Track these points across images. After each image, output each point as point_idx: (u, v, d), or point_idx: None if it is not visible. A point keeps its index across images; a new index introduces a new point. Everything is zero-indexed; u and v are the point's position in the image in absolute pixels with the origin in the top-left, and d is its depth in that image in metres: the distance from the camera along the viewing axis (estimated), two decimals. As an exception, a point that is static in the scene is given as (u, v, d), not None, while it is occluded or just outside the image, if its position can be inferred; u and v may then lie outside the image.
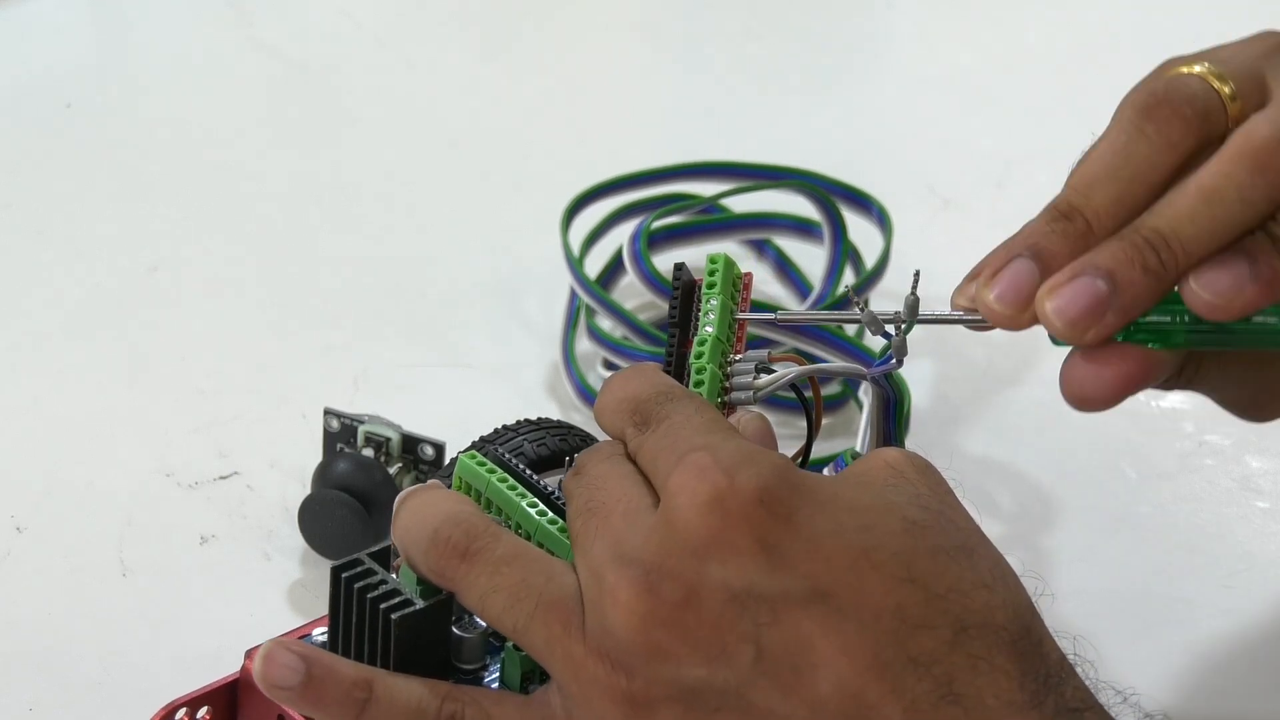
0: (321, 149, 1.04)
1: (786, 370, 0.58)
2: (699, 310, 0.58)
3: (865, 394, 0.62)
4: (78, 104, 1.07)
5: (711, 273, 0.59)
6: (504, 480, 0.57)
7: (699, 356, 0.57)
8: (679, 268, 0.59)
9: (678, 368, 0.58)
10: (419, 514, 0.55)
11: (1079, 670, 0.51)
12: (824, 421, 0.81)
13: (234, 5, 1.17)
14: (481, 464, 0.57)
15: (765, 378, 0.58)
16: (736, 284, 0.59)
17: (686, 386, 0.57)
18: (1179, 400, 0.85)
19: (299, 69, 1.11)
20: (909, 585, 0.49)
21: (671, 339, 0.58)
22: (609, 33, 1.19)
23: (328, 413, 0.74)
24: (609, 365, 0.81)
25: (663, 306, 0.82)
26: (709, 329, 0.58)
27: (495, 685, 0.56)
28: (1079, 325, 0.56)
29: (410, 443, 0.73)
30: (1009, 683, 0.49)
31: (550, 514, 0.56)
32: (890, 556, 0.49)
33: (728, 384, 0.58)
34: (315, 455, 0.76)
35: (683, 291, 0.59)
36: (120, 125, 1.05)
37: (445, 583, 0.54)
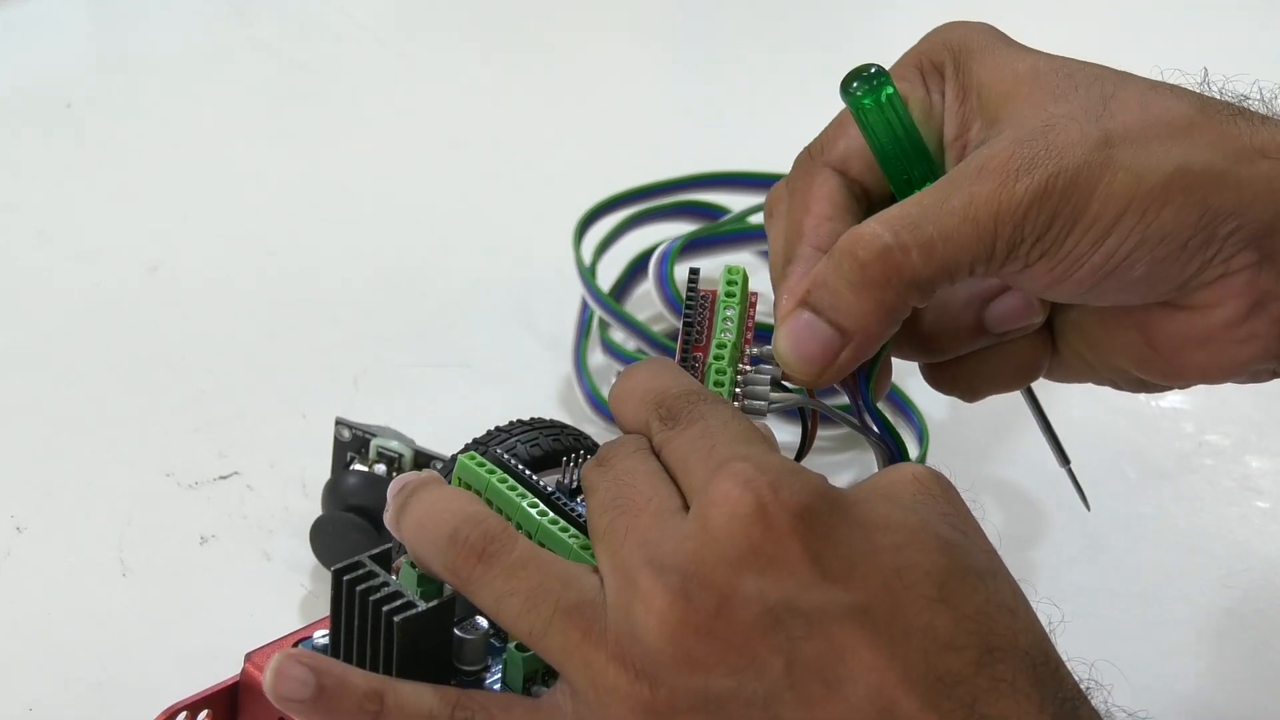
0: (321, 149, 1.04)
1: (800, 396, 0.59)
2: (712, 317, 0.59)
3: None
4: (78, 104, 1.07)
5: (731, 282, 0.60)
6: (504, 480, 0.57)
7: (719, 358, 0.58)
8: (694, 273, 0.60)
9: (689, 368, 0.59)
10: (434, 512, 0.54)
11: (1096, 695, 0.52)
12: (839, 432, 0.81)
13: (234, 5, 1.17)
14: (481, 464, 0.57)
15: (779, 394, 0.58)
16: (747, 300, 0.60)
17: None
18: (1179, 400, 0.85)
19: (299, 69, 1.11)
20: (940, 605, 0.49)
21: (684, 340, 0.59)
22: (611, 33, 1.19)
23: (339, 422, 0.74)
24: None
25: (678, 324, 0.81)
26: (727, 335, 0.58)
27: (497, 686, 0.56)
28: None
29: (423, 459, 0.72)
30: (1030, 705, 0.49)
31: (551, 514, 0.56)
32: (923, 576, 0.50)
33: (739, 391, 0.58)
34: (315, 455, 0.76)
35: (698, 298, 0.59)
36: (120, 125, 1.05)
37: (459, 584, 0.53)
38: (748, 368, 0.59)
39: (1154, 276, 0.57)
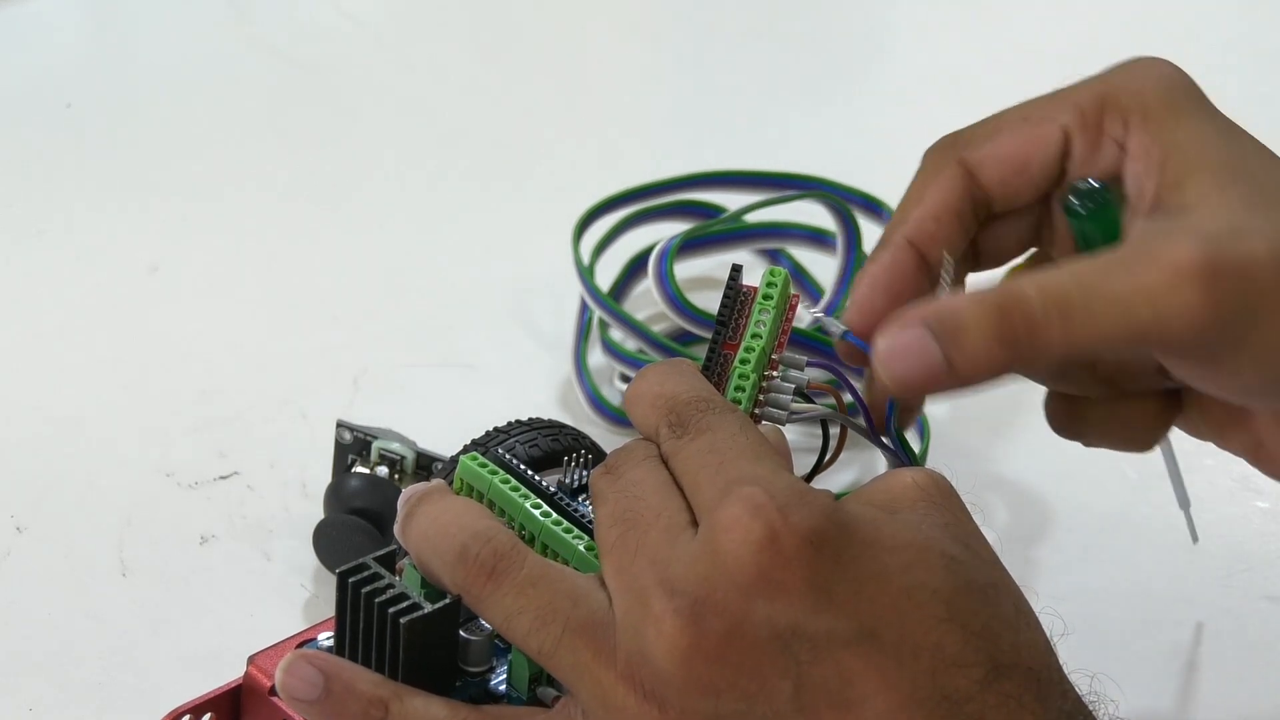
0: (321, 149, 1.04)
1: (824, 409, 0.59)
2: (748, 318, 0.59)
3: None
4: (78, 104, 1.07)
5: (770, 284, 0.59)
6: (506, 481, 0.57)
7: (745, 363, 0.58)
8: (736, 269, 0.60)
9: (716, 364, 0.58)
10: (441, 526, 0.54)
11: (1101, 709, 0.52)
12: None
13: (234, 5, 1.17)
14: (483, 465, 0.57)
15: (801, 404, 0.58)
16: (786, 304, 0.60)
17: (723, 386, 0.57)
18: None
19: (299, 69, 1.11)
20: (948, 624, 0.49)
21: (716, 335, 0.59)
22: (611, 33, 1.19)
23: (340, 425, 0.73)
24: (626, 380, 0.81)
25: (679, 321, 0.81)
26: (758, 339, 0.58)
27: (502, 688, 0.56)
28: None
29: (425, 460, 0.72)
30: None
31: (555, 515, 0.56)
32: (931, 595, 0.50)
33: (762, 398, 0.58)
34: (315, 455, 0.76)
35: (735, 295, 0.59)
36: (120, 125, 1.05)
37: (468, 600, 0.53)
38: (775, 374, 0.59)
39: None
